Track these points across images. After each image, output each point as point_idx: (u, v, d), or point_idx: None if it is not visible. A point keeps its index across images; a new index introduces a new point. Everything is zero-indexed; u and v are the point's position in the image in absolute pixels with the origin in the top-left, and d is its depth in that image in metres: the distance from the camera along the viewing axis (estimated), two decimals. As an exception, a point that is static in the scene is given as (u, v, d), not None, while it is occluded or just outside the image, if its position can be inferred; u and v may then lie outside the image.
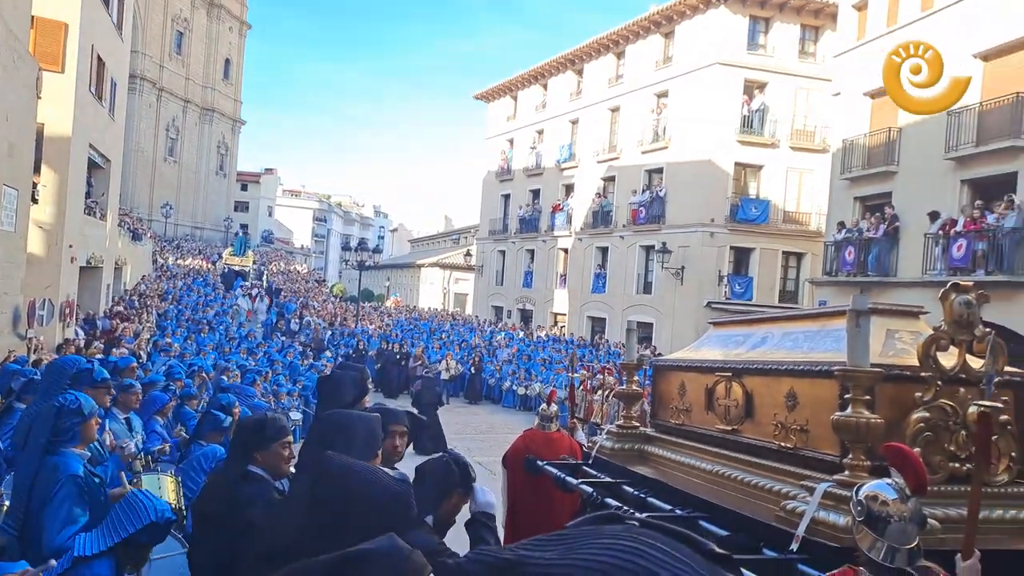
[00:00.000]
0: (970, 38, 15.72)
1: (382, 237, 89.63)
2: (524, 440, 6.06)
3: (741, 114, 24.22)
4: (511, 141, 36.25)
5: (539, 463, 5.22)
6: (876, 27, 18.52)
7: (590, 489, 4.44)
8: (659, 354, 17.33)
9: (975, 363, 3.26)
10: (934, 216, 15.82)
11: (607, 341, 25.03)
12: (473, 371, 21.18)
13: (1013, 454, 3.32)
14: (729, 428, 4.33)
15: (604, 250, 28.51)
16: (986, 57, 15.59)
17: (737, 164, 24.42)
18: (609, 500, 4.18)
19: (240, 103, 54.96)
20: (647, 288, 26.31)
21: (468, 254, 42.74)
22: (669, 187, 25.36)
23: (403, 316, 32.45)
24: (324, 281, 48.19)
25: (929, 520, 2.85)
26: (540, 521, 5.84)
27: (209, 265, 34.56)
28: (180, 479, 4.27)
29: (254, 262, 35.47)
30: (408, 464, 3.33)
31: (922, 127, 16.69)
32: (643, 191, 26.43)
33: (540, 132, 33.82)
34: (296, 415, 8.99)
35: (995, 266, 14.30)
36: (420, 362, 20.99)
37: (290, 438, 3.09)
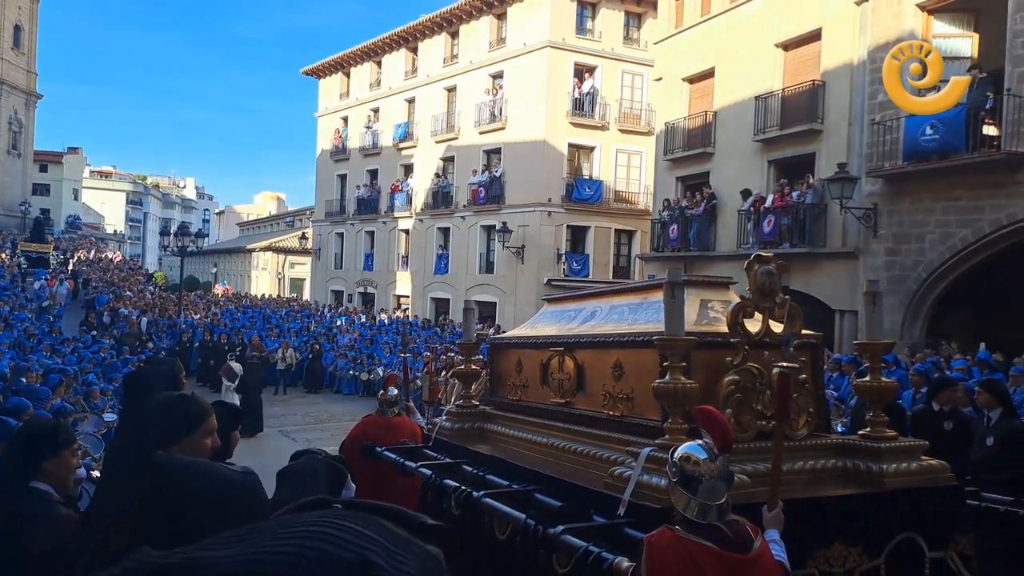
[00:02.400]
0: (773, 29, 17.17)
1: (207, 220, 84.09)
2: (362, 427, 5.92)
3: (573, 97, 24.98)
4: (345, 119, 35.13)
5: (377, 449, 5.10)
6: (691, 16, 19.71)
7: (429, 472, 4.39)
8: (502, 332, 17.59)
9: (778, 328, 3.51)
10: (746, 194, 17.19)
11: (452, 322, 25.10)
12: (312, 359, 20.45)
13: (811, 410, 3.63)
14: (563, 401, 4.43)
15: (446, 231, 28.49)
16: (786, 47, 17.09)
17: (571, 145, 25.20)
18: (448, 481, 4.15)
19: (35, 75, 48.98)
20: (489, 268, 26.64)
21: (304, 237, 41.08)
22: (507, 168, 25.73)
23: (233, 304, 30.68)
24: (141, 269, 44.40)
25: (739, 476, 3.05)
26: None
27: (2, 255, 30.68)
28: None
29: (55, 248, 31.87)
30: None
31: (734, 111, 18.05)
32: (482, 171, 26.63)
33: (375, 111, 33.04)
34: (110, 416, 8.21)
35: (798, 239, 15.80)
36: (258, 351, 19.97)
37: (77, 445, 2.75)
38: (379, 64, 32.96)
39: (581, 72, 25.32)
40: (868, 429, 3.56)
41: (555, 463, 4.10)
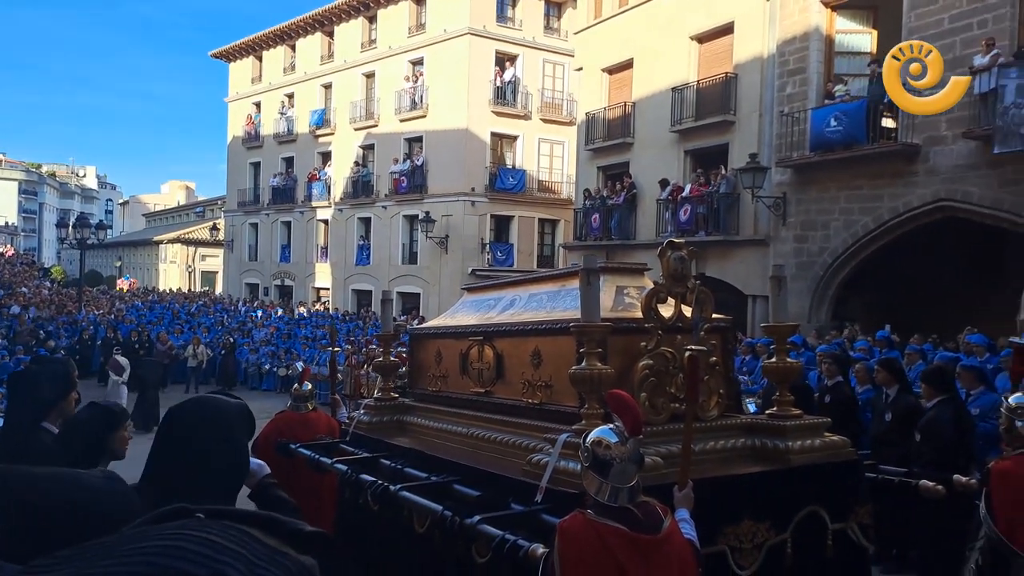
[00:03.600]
0: (688, 21, 17.56)
1: (110, 211, 80.00)
2: (275, 424, 5.75)
3: (494, 85, 24.92)
4: (258, 105, 34.02)
5: (291, 446, 4.95)
6: (610, 6, 19.94)
7: (345, 467, 4.29)
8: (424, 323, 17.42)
9: (689, 312, 3.58)
10: (664, 184, 17.57)
11: (374, 314, 24.72)
12: (225, 355, 19.80)
13: (721, 391, 3.73)
14: (483, 390, 4.40)
15: (367, 221, 28.00)
16: (700, 39, 17.51)
17: (493, 134, 25.16)
18: (364, 476, 4.07)
19: (-88, 53, 45.26)
20: (413, 258, 26.37)
21: (215, 228, 39.56)
22: (430, 156, 25.47)
23: (139, 300, 29.35)
24: (37, 263, 41.84)
25: (652, 457, 3.10)
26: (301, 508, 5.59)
27: None
28: None
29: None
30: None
31: (652, 102, 18.38)
32: (404, 160, 26.28)
33: (290, 96, 32.11)
34: None
35: (713, 227, 16.28)
36: (167, 346, 19.18)
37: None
38: (293, 48, 32.02)
39: (502, 60, 25.28)
40: (775, 408, 3.68)
41: (475, 453, 4.07)
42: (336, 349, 8.28)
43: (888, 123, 13.30)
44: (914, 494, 3.72)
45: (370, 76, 28.21)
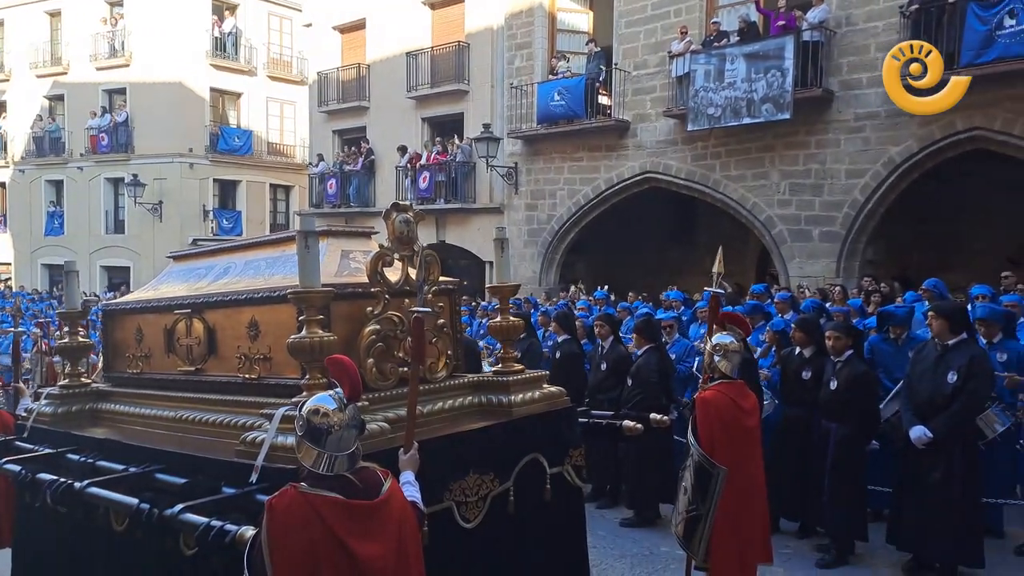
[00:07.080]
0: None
1: None
2: (-77, 425, 4.70)
3: (212, 36, 22.77)
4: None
5: (-57, 451, 4.06)
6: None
7: (18, 468, 3.63)
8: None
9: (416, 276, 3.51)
10: (402, 150, 17.47)
11: (74, 290, 21.54)
12: None
13: (450, 352, 3.74)
14: (193, 369, 3.98)
15: (58, 184, 24.22)
16: (433, 5, 17.54)
17: (213, 90, 23.07)
18: (43, 476, 3.46)
19: None
20: (119, 227, 23.40)
21: None
22: (136, 111, 22.60)
23: None
24: None
25: (380, 423, 3.00)
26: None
27: None
28: None
29: None
30: None
31: (386, 66, 18.08)
32: (103, 114, 23.04)
33: (-55, 33, 26.50)
34: None
35: (452, 195, 16.58)
36: None
37: None
38: (-53, -26, 26.36)
39: (221, 9, 23.19)
40: (500, 365, 3.79)
41: (184, 438, 3.68)
42: (21, 331, 7.04)
43: (604, 100, 14.50)
44: (619, 434, 4.09)
45: (55, 15, 24.23)
